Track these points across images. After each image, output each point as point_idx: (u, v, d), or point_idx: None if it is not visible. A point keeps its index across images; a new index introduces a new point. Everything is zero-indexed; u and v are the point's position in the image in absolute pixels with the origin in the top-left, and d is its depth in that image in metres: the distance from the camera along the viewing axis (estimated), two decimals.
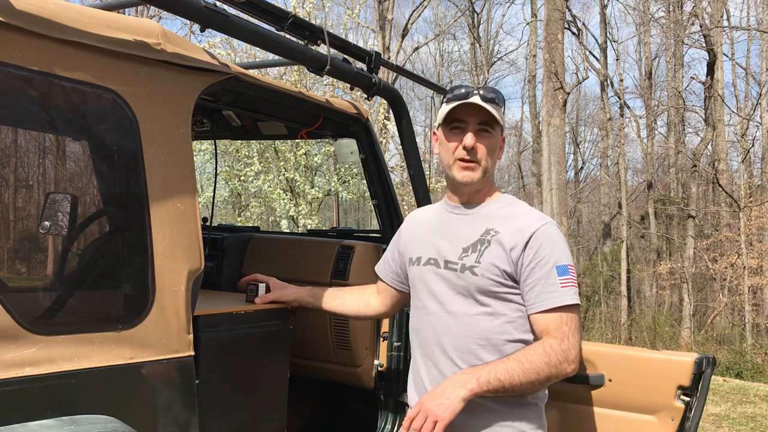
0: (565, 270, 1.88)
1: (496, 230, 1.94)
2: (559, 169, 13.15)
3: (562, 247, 1.92)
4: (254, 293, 2.29)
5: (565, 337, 1.85)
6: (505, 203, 2.03)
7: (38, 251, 1.79)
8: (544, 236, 1.90)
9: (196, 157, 8.48)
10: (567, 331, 1.85)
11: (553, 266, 1.88)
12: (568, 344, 1.84)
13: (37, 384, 1.46)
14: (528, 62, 25.97)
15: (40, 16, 1.50)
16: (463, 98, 1.91)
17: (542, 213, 2.03)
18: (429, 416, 1.77)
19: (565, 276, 1.88)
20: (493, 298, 1.91)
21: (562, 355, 1.83)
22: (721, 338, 15.05)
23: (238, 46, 9.95)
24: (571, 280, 1.88)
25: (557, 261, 1.88)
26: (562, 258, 1.90)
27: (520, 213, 1.98)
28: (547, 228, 1.92)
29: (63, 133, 1.77)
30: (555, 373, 1.84)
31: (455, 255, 1.96)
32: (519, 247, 1.89)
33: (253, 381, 2.24)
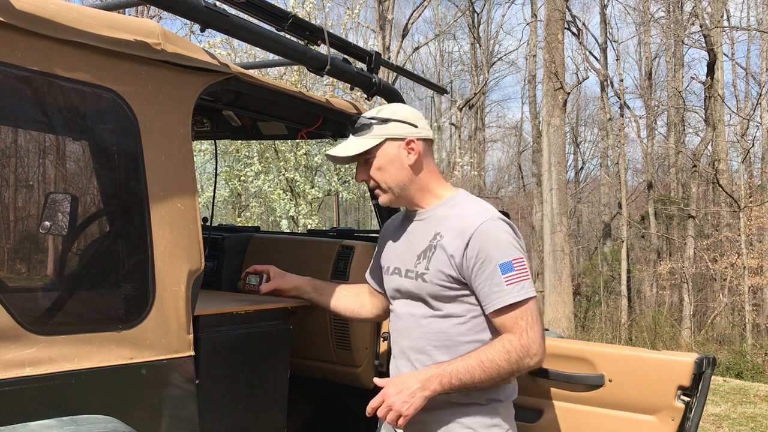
0: (509, 266, 1.88)
1: (441, 234, 1.97)
2: (559, 169, 13.15)
3: (504, 243, 1.91)
4: (253, 283, 2.31)
5: (523, 332, 1.86)
6: (453, 203, 2.04)
7: (38, 251, 1.79)
8: (483, 235, 1.90)
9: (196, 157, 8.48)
10: (524, 325, 1.87)
11: (496, 265, 1.87)
12: (527, 339, 1.86)
13: (37, 384, 1.46)
14: (528, 62, 25.98)
15: (40, 16, 1.50)
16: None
17: (487, 207, 2.01)
18: (393, 409, 1.86)
19: (509, 273, 1.87)
20: (444, 301, 1.96)
21: (523, 351, 1.86)
22: (721, 338, 15.06)
23: (238, 46, 9.95)
24: (516, 276, 1.88)
25: (499, 259, 1.88)
26: (505, 254, 1.89)
27: (464, 213, 1.98)
28: (485, 226, 1.91)
29: (63, 133, 1.77)
30: (516, 368, 1.87)
31: (412, 263, 2.03)
32: (460, 250, 1.91)
33: (253, 381, 2.24)
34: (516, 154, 31.58)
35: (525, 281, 1.89)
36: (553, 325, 12.36)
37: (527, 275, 1.90)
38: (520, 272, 1.89)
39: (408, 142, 2.02)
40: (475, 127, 28.56)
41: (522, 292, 1.87)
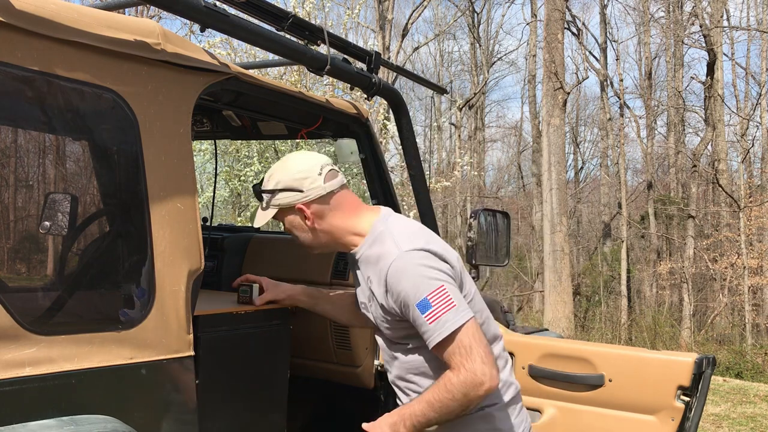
0: (425, 304, 1.80)
1: (371, 279, 1.96)
2: (559, 169, 13.15)
3: (415, 279, 1.82)
4: (246, 294, 2.28)
5: (460, 367, 1.79)
6: (371, 240, 1.98)
7: (38, 251, 1.79)
8: (395, 279, 1.85)
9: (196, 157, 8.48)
10: (459, 359, 1.79)
11: (414, 306, 1.81)
12: (465, 372, 1.78)
13: (37, 384, 1.46)
14: (528, 62, 25.98)
15: (40, 16, 1.50)
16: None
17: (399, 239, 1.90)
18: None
19: (428, 310, 1.79)
20: (403, 339, 1.96)
21: (464, 386, 1.78)
22: (721, 338, 15.06)
23: (238, 46, 9.94)
24: (435, 313, 1.79)
25: (415, 299, 1.81)
26: (420, 289, 1.81)
27: (379, 253, 1.93)
28: (394, 267, 1.85)
29: (63, 133, 1.77)
30: (467, 402, 1.80)
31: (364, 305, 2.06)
32: (385, 296, 1.90)
33: (253, 381, 2.24)
34: (516, 154, 31.58)
35: (447, 313, 1.79)
36: (553, 325, 12.35)
37: (449, 305, 1.79)
38: (438, 305, 1.79)
39: (298, 209, 1.99)
40: (475, 127, 28.55)
41: (446, 327, 1.78)
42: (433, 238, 1.96)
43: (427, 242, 1.90)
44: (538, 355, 2.45)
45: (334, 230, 2.02)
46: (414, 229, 1.98)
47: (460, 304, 1.82)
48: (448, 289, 1.82)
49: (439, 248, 1.90)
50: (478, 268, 2.93)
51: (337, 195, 2.02)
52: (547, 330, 4.04)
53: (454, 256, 1.96)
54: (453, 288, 1.84)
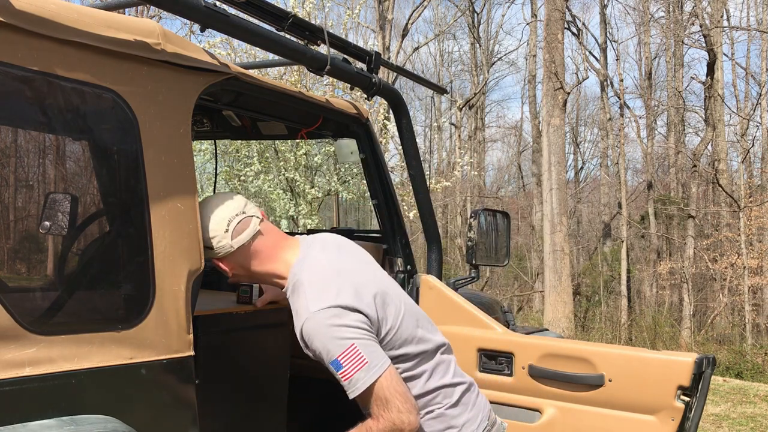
0: (338, 365, 1.84)
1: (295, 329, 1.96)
2: (559, 169, 13.15)
3: (325, 338, 1.85)
4: (247, 294, 2.28)
5: (379, 416, 1.85)
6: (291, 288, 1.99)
7: (38, 251, 1.79)
8: (308, 338, 1.88)
9: (196, 157, 8.47)
10: (377, 410, 1.86)
11: (329, 364, 1.86)
12: (384, 421, 1.85)
13: (37, 384, 1.46)
14: (528, 62, 25.99)
15: (40, 16, 1.50)
16: None
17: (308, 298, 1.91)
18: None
19: (341, 369, 1.84)
20: None
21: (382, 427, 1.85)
22: (721, 338, 15.06)
23: (238, 46, 9.94)
24: (348, 371, 1.83)
25: (328, 358, 1.85)
26: (330, 351, 1.84)
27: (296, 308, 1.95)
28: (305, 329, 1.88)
29: (63, 133, 1.77)
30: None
31: None
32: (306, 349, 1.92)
33: (253, 381, 2.24)
34: (516, 154, 31.59)
35: (358, 372, 1.83)
36: (553, 325, 12.36)
37: (360, 364, 1.83)
38: (350, 365, 1.84)
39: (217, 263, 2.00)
40: (475, 127, 28.55)
41: (358, 386, 1.84)
42: (345, 283, 1.93)
43: (337, 295, 1.88)
44: (538, 355, 2.45)
45: (256, 276, 2.04)
46: (327, 276, 1.95)
47: (372, 359, 1.84)
48: (359, 345, 1.83)
49: (349, 299, 1.89)
50: (478, 268, 2.94)
51: (251, 246, 1.99)
52: (547, 330, 4.04)
53: (370, 296, 1.93)
54: (365, 342, 1.85)
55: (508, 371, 2.51)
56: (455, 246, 23.27)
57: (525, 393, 2.46)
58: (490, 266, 3.18)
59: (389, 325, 1.95)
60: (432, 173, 22.72)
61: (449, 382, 2.06)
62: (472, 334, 2.56)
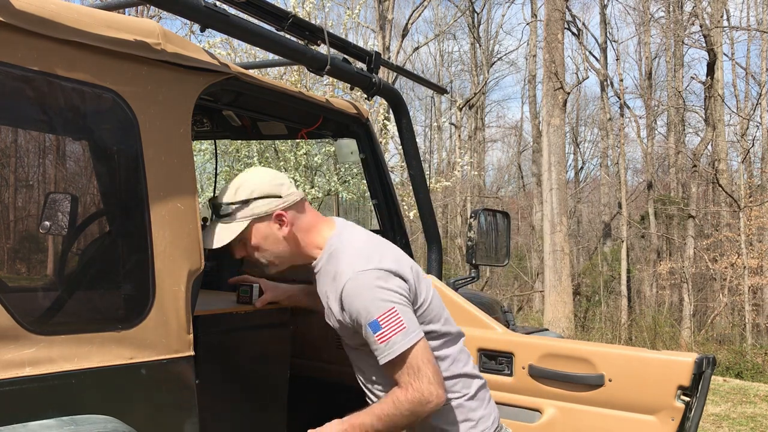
0: (376, 325, 1.84)
1: (328, 294, 1.98)
2: (559, 169, 13.15)
3: (367, 300, 1.86)
4: (247, 294, 2.28)
5: (408, 386, 1.85)
6: (328, 255, 2.01)
7: (38, 251, 1.79)
8: (349, 299, 1.88)
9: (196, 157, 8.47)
10: (407, 379, 1.85)
11: (366, 325, 1.85)
12: (413, 391, 1.84)
13: (37, 384, 1.46)
14: (528, 62, 25.99)
15: (40, 16, 1.50)
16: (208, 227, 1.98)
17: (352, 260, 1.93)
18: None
19: (379, 331, 1.84)
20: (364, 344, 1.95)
21: (412, 404, 1.85)
22: (721, 338, 15.06)
23: (238, 46, 9.94)
24: (386, 333, 1.83)
25: (367, 318, 1.85)
26: (371, 311, 1.84)
27: (335, 271, 1.95)
28: (348, 288, 1.88)
29: (63, 133, 1.77)
30: (414, 418, 1.87)
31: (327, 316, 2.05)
32: (341, 314, 1.93)
33: (254, 381, 2.24)
34: (516, 154, 31.59)
35: (397, 335, 1.83)
36: (553, 325, 12.36)
37: (399, 327, 1.84)
38: (388, 327, 1.84)
39: (276, 216, 1.98)
40: (475, 127, 28.55)
41: (394, 349, 1.83)
42: (386, 252, 1.98)
43: (380, 260, 1.91)
44: (538, 355, 2.45)
45: (301, 241, 2.03)
46: (368, 244, 1.98)
47: (410, 325, 1.85)
48: (399, 310, 1.85)
49: (392, 264, 1.91)
50: (478, 267, 2.94)
51: (305, 204, 2.04)
52: (547, 330, 4.04)
53: (408, 266, 1.97)
54: (404, 308, 1.87)
55: (508, 371, 2.51)
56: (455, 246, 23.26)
57: (525, 393, 2.46)
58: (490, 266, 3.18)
59: (422, 297, 1.98)
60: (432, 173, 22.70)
61: (470, 372, 2.07)
62: (472, 334, 2.56)
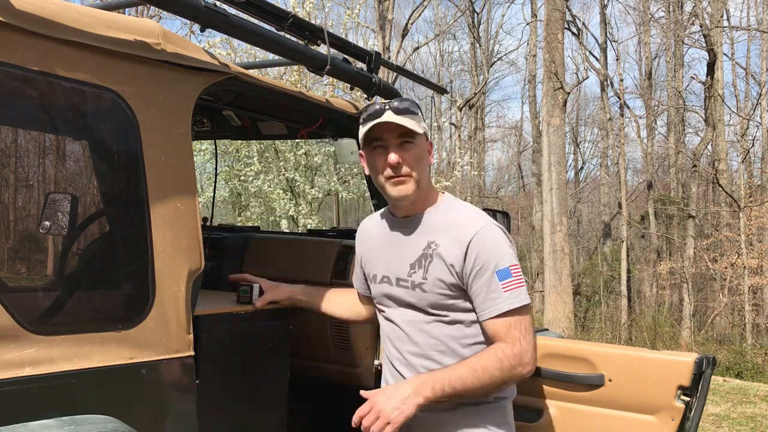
0: (507, 273, 1.86)
1: (437, 243, 1.94)
2: (559, 169, 13.15)
3: (501, 249, 1.89)
4: (247, 294, 2.27)
5: (516, 342, 1.85)
6: (444, 209, 2.01)
7: (38, 251, 1.79)
8: (481, 242, 1.88)
9: (196, 157, 8.47)
10: (518, 335, 1.85)
11: (494, 272, 1.86)
12: (520, 348, 1.84)
13: (37, 384, 1.46)
14: (528, 62, 25.98)
15: (40, 16, 1.50)
16: (377, 116, 1.91)
17: (480, 213, 2.00)
18: (381, 417, 1.81)
19: (507, 279, 1.85)
20: (446, 309, 1.94)
21: (516, 360, 1.84)
22: (721, 338, 15.06)
23: (238, 46, 9.94)
24: (514, 282, 1.86)
25: (497, 265, 1.86)
26: (503, 261, 1.87)
27: (458, 220, 1.96)
28: (483, 232, 1.89)
29: (63, 133, 1.77)
30: (509, 377, 1.86)
31: (404, 272, 1.99)
32: (459, 258, 1.89)
33: (254, 381, 2.24)
34: (516, 154, 31.58)
35: (521, 288, 1.87)
36: (553, 325, 12.35)
37: (523, 282, 1.88)
38: (517, 279, 1.87)
39: (430, 143, 2.02)
40: (475, 127, 28.55)
41: (518, 299, 1.86)
42: None
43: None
44: (538, 355, 2.44)
45: (427, 182, 2.02)
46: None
47: (526, 286, 1.90)
48: (520, 270, 1.90)
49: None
50: None
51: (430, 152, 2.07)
52: (547, 330, 4.03)
53: None
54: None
55: None
56: None
57: (525, 393, 2.46)
58: None
59: None
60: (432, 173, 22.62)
61: None
62: None
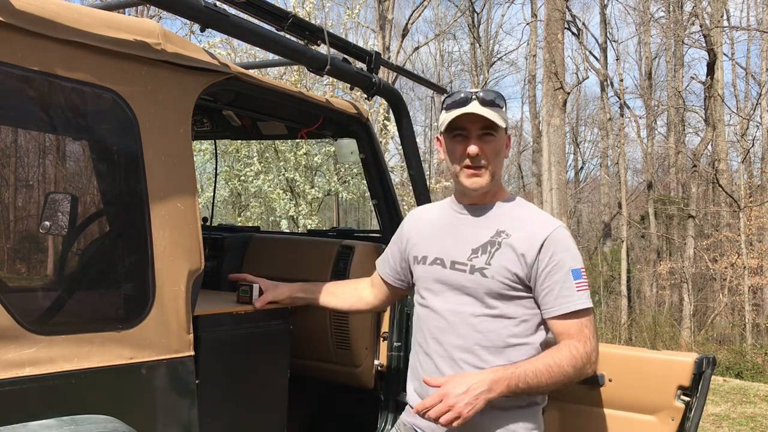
0: (579, 274, 1.89)
1: (507, 233, 1.93)
2: (559, 169, 13.15)
3: (574, 251, 1.93)
4: (247, 294, 2.27)
5: (587, 340, 1.87)
6: (515, 205, 2.02)
7: (38, 251, 1.79)
8: (558, 241, 1.90)
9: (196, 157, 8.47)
10: (588, 334, 1.88)
11: (569, 270, 1.88)
12: (590, 347, 1.87)
13: (37, 384, 1.46)
14: (528, 62, 25.98)
15: (40, 16, 1.50)
16: (462, 105, 1.89)
17: (552, 216, 2.04)
18: (453, 409, 1.75)
19: (580, 280, 1.89)
20: (501, 300, 1.91)
21: (586, 358, 1.86)
22: (721, 338, 15.05)
23: (238, 46, 9.94)
24: (585, 284, 1.90)
25: (571, 265, 1.89)
26: (576, 262, 1.91)
27: (531, 216, 1.98)
28: (559, 232, 1.92)
29: (63, 133, 1.77)
30: (579, 375, 1.87)
31: (463, 256, 1.95)
32: (533, 251, 1.88)
33: (254, 381, 2.24)
34: (516, 154, 31.56)
35: (588, 290, 1.92)
36: None
37: (588, 284, 1.93)
38: (586, 281, 1.92)
39: (508, 138, 2.03)
40: None
41: (589, 301, 1.90)
42: None
43: None
44: None
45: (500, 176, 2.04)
46: None
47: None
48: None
49: None
50: None
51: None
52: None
53: None
54: None
55: None
56: None
57: None
58: None
59: None
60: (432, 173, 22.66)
61: None
62: None
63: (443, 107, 1.97)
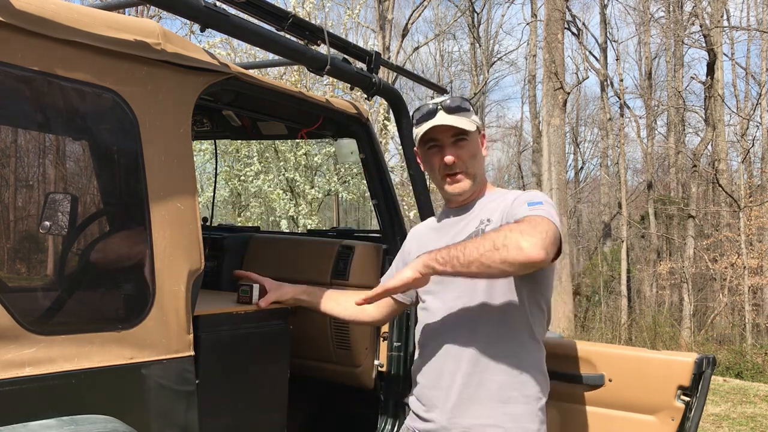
0: (536, 204, 1.82)
1: (489, 219, 1.99)
2: (559, 169, 13.15)
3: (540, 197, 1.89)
4: (247, 294, 2.27)
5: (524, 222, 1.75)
6: (495, 195, 2.07)
7: (38, 251, 1.79)
8: (526, 193, 1.94)
9: (196, 157, 8.47)
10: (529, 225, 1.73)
11: (525, 202, 1.86)
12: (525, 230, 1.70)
13: (37, 384, 1.46)
14: (528, 62, 25.98)
15: (40, 16, 1.50)
16: (429, 117, 1.97)
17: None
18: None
19: (535, 205, 1.82)
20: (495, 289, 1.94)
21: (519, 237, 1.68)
22: (721, 338, 15.06)
23: (238, 46, 9.94)
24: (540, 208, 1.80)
25: (531, 200, 1.86)
26: (536, 198, 1.87)
27: (506, 195, 2.02)
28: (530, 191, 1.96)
29: (63, 133, 1.77)
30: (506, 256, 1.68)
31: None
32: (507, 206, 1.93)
33: (254, 381, 2.24)
34: (516, 154, 31.59)
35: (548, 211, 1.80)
36: (553, 325, 12.36)
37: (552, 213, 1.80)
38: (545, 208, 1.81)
39: (482, 135, 2.07)
40: None
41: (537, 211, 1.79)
42: None
43: None
44: None
45: (482, 176, 2.07)
46: None
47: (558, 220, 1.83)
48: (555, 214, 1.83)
49: None
50: None
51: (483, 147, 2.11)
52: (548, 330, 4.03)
53: None
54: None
55: None
56: None
57: None
58: None
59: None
60: None
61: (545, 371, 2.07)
62: None
63: (413, 122, 2.04)
